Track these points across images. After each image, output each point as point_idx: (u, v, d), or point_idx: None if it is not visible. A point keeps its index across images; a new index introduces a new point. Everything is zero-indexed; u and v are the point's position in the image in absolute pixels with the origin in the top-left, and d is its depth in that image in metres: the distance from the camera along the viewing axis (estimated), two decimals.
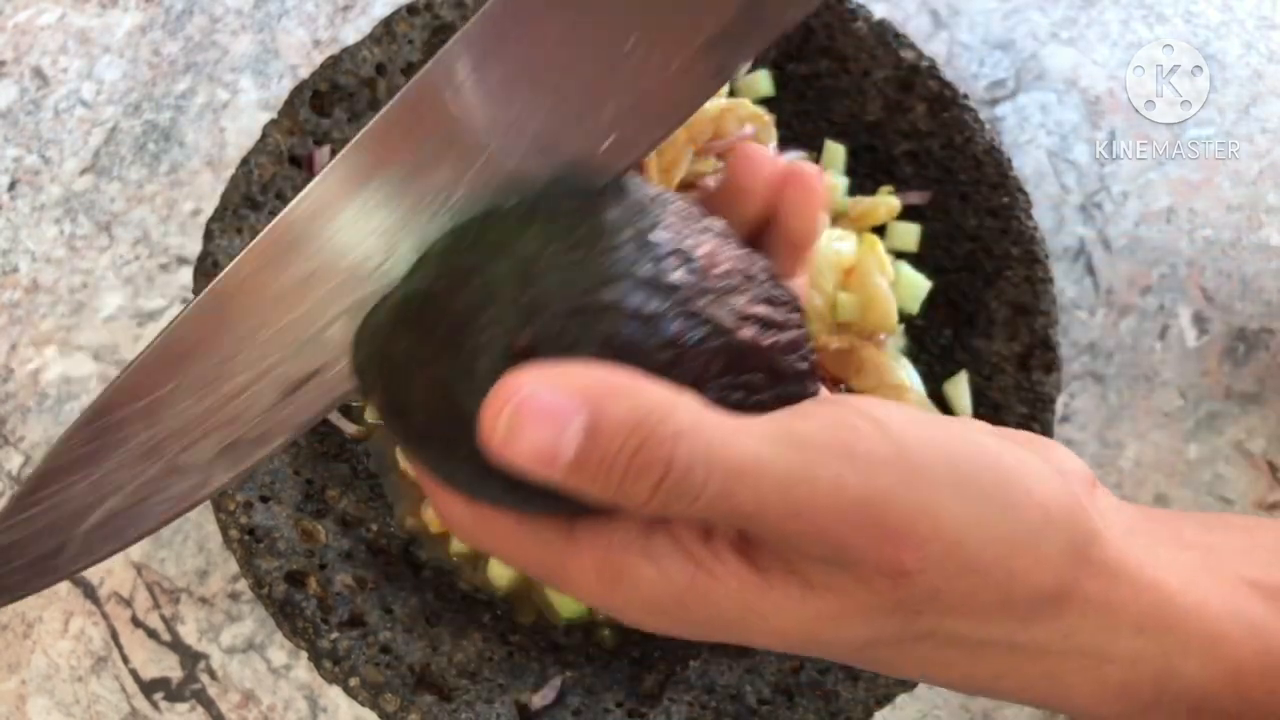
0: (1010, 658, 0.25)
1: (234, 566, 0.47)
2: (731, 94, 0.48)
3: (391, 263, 0.25)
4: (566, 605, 0.43)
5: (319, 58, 0.56)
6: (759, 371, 0.24)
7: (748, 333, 0.23)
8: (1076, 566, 0.24)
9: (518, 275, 0.22)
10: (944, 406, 0.45)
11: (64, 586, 0.47)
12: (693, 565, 0.23)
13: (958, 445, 0.24)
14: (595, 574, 0.24)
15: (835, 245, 0.45)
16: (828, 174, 0.49)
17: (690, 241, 0.24)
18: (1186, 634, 0.25)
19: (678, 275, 0.23)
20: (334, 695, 0.45)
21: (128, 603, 0.47)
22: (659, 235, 0.23)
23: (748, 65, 0.49)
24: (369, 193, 0.25)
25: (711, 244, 0.24)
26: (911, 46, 0.47)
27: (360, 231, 0.25)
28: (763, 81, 0.49)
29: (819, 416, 0.23)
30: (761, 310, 0.24)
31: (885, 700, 0.38)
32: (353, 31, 0.56)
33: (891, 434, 0.23)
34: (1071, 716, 0.27)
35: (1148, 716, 0.26)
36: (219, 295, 0.25)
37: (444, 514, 0.25)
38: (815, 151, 0.49)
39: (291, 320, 0.25)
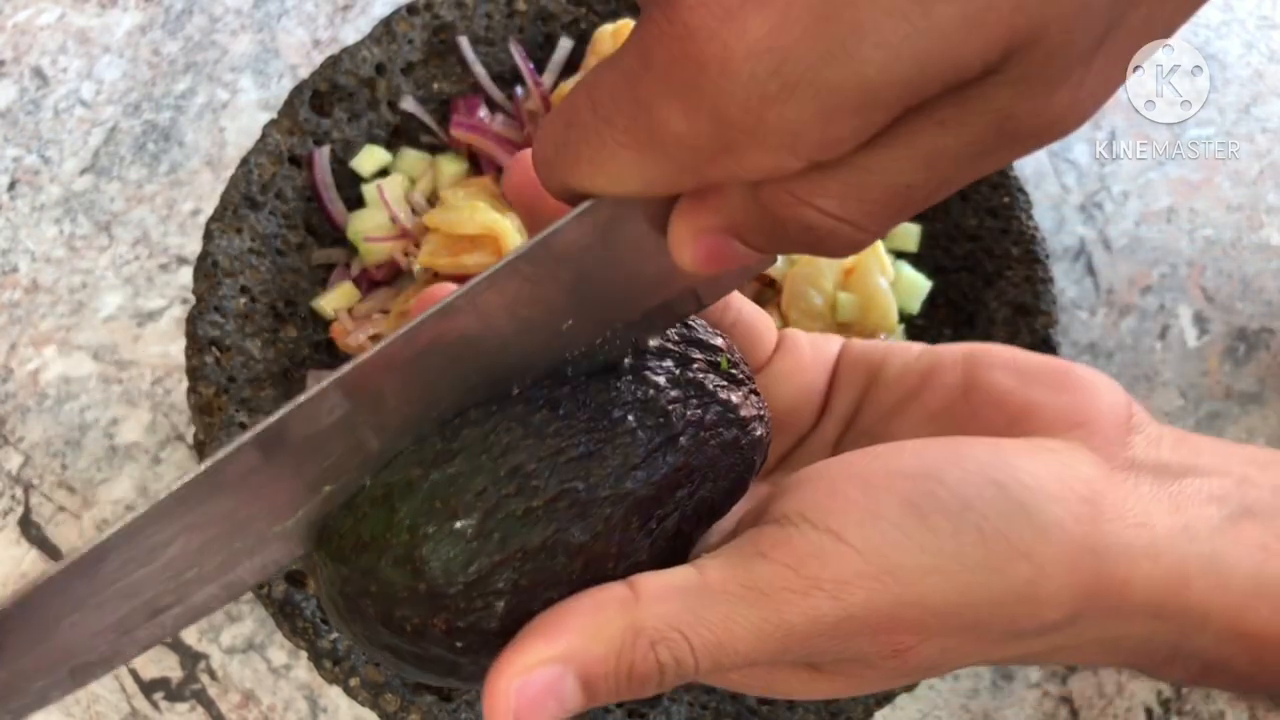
0: (1029, 657, 0.26)
1: None
2: None
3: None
4: None
5: (319, 58, 0.56)
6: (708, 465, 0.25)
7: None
8: (1085, 594, 0.24)
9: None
10: None
11: None
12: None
13: (930, 516, 0.23)
14: (611, 660, 0.25)
15: None
16: None
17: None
18: (1205, 613, 0.25)
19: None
20: (334, 695, 0.45)
21: None
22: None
23: None
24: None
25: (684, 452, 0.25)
26: None
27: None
28: None
29: (777, 550, 0.23)
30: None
31: (885, 700, 0.38)
32: (353, 31, 0.56)
33: (854, 539, 0.23)
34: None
35: (1160, 670, 0.26)
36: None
37: None
38: None
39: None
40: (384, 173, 0.48)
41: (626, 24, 0.48)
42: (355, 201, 0.47)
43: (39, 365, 0.50)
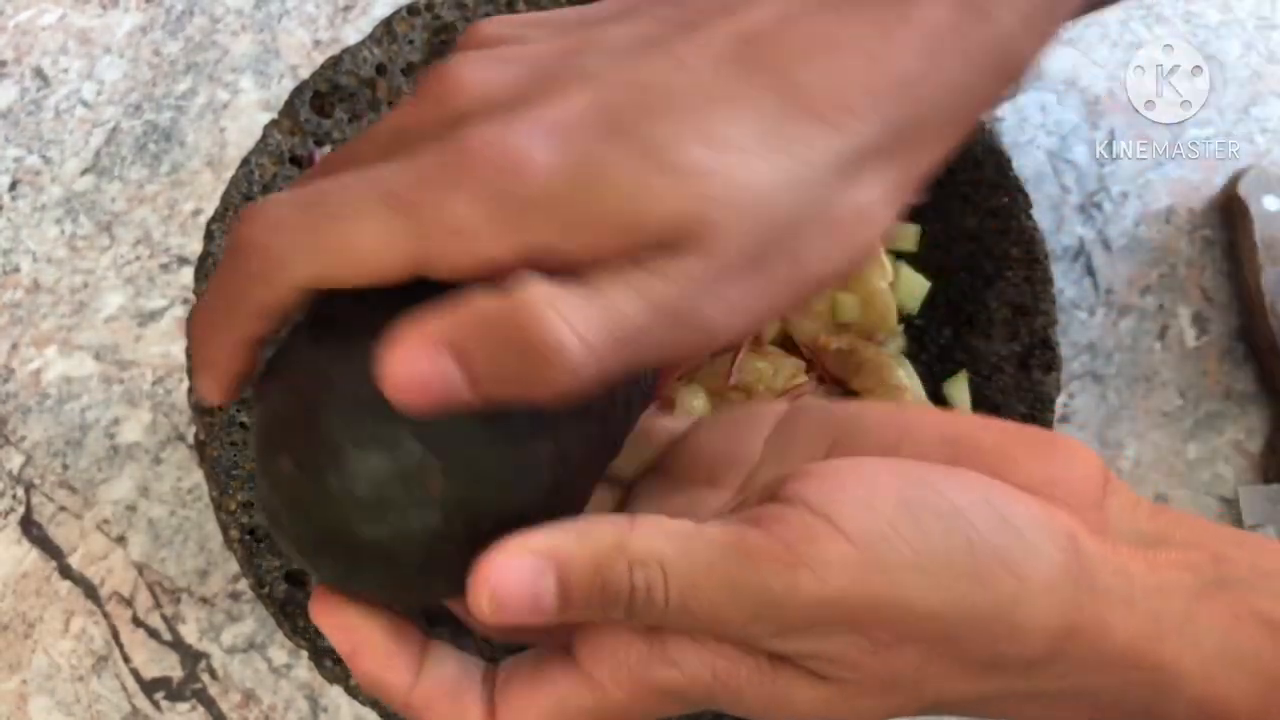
0: (1009, 703, 0.26)
1: (235, 566, 0.47)
2: None
3: None
4: None
5: (319, 58, 0.56)
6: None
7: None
8: (1068, 630, 0.25)
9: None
10: (944, 406, 0.45)
11: (64, 586, 0.47)
12: (710, 656, 0.25)
13: (925, 508, 0.24)
14: (630, 699, 0.25)
15: None
16: None
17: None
18: (1178, 673, 0.25)
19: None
20: (335, 695, 0.45)
21: (129, 602, 0.47)
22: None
23: None
24: None
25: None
26: None
27: None
28: None
29: (773, 524, 0.24)
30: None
31: None
32: (353, 32, 0.57)
33: (849, 528, 0.24)
34: None
35: None
36: None
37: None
38: None
39: None
40: None
41: None
42: None
43: (40, 365, 0.51)
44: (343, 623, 0.26)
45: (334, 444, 0.24)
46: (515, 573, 0.23)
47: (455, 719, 0.26)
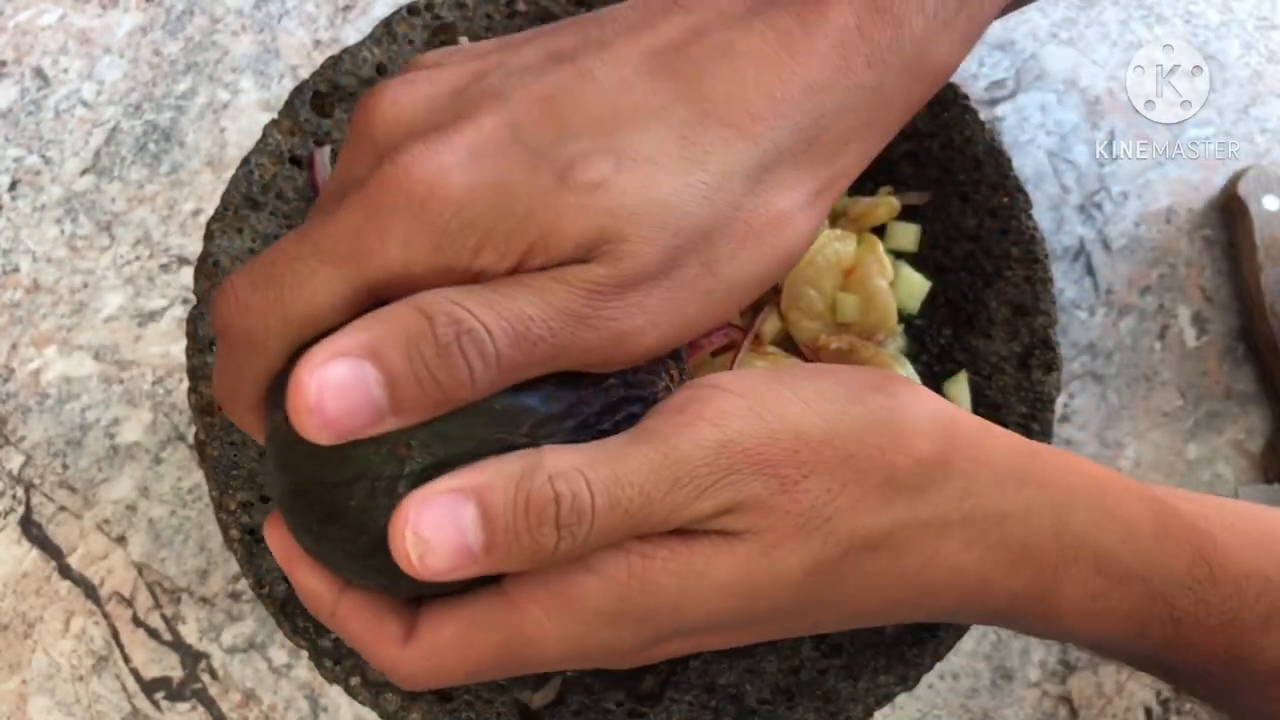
0: (924, 542, 0.27)
1: (235, 566, 0.47)
2: None
3: None
4: None
5: (319, 58, 0.56)
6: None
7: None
8: (946, 435, 0.27)
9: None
10: None
11: (64, 586, 0.47)
12: (625, 554, 0.25)
13: (796, 373, 0.27)
14: (546, 615, 0.25)
15: (835, 245, 0.45)
16: None
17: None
18: (1068, 487, 0.28)
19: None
20: (335, 695, 0.45)
21: (129, 602, 0.47)
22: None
23: None
24: None
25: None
26: None
27: None
28: None
29: (664, 407, 0.26)
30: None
31: (885, 699, 0.39)
32: (353, 32, 0.57)
33: (733, 386, 0.26)
34: (1006, 617, 0.30)
35: (1060, 585, 0.28)
36: None
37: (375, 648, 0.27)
38: None
39: None
40: None
41: None
42: None
43: (40, 365, 0.51)
44: (284, 535, 0.27)
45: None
46: (435, 507, 0.23)
47: (373, 631, 0.26)
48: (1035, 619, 0.29)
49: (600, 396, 0.26)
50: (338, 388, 0.23)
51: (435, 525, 0.23)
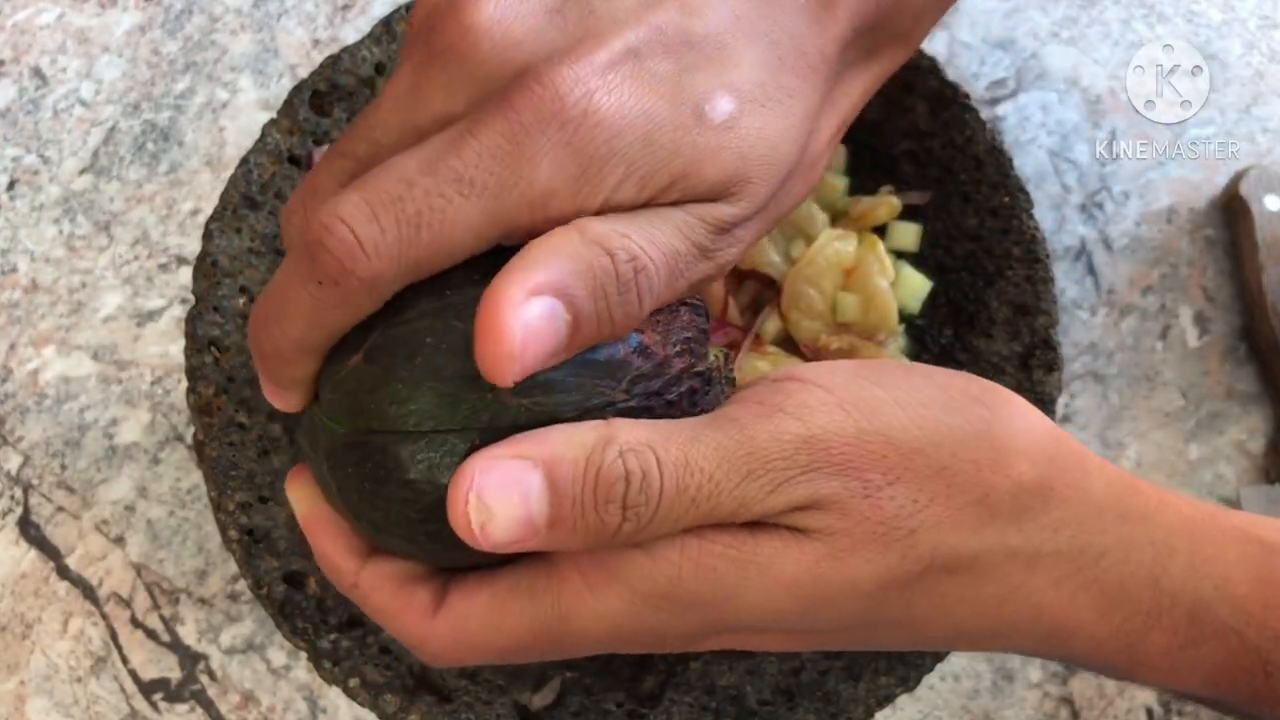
0: (1010, 572, 0.25)
1: (233, 567, 0.47)
2: None
3: None
4: None
5: (318, 57, 0.56)
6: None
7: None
8: (1048, 459, 0.25)
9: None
10: None
11: (63, 587, 0.47)
12: (681, 537, 0.24)
13: (888, 370, 0.26)
14: (588, 587, 0.24)
15: (835, 245, 0.45)
16: (828, 174, 0.49)
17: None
18: (1167, 527, 0.26)
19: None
20: (334, 696, 0.45)
21: (127, 603, 0.46)
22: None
23: None
24: None
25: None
26: None
27: None
28: None
29: (744, 396, 0.25)
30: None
31: (886, 701, 0.38)
32: (352, 31, 0.56)
33: (820, 380, 0.25)
34: (1084, 660, 0.27)
35: (1149, 634, 0.25)
36: None
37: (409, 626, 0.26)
38: None
39: None
40: None
41: None
42: None
43: (38, 365, 0.50)
44: (308, 494, 0.26)
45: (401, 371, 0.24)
46: (501, 472, 0.22)
47: (400, 601, 0.25)
48: (1114, 666, 0.26)
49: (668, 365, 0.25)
50: (534, 330, 0.22)
51: (500, 492, 0.22)
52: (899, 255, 0.47)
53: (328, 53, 0.49)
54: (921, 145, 0.48)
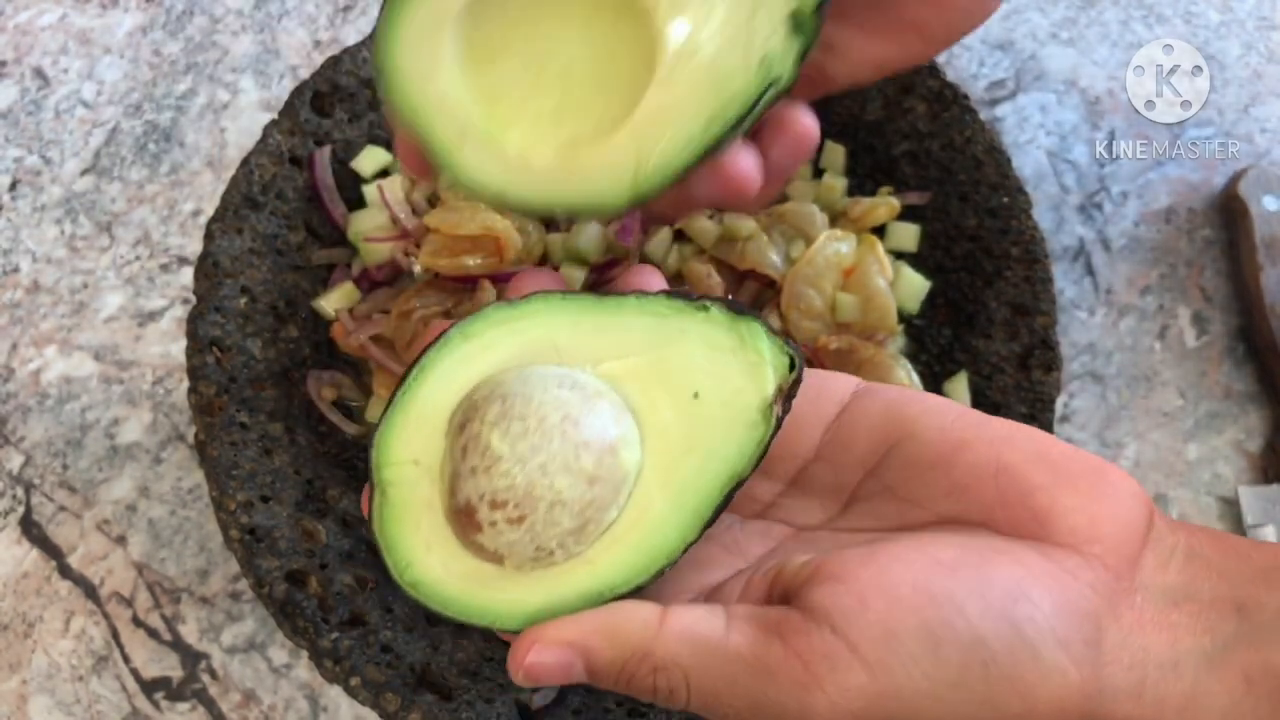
0: None
1: (235, 566, 0.47)
2: None
3: None
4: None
5: (319, 58, 0.56)
6: None
7: None
8: None
9: None
10: None
11: (64, 586, 0.47)
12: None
13: (942, 652, 0.25)
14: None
15: (835, 245, 0.45)
16: (827, 174, 0.49)
17: None
18: None
19: None
20: (335, 695, 0.45)
21: (128, 602, 0.47)
22: None
23: None
24: None
25: None
26: None
27: None
28: None
29: (795, 638, 0.25)
30: None
31: None
32: (353, 32, 0.57)
33: (866, 658, 0.25)
34: None
35: None
36: None
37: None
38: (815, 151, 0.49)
39: None
40: (385, 173, 0.48)
41: None
42: (356, 202, 0.48)
43: (40, 365, 0.51)
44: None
45: None
46: (548, 657, 0.26)
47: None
48: None
49: None
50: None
51: (546, 672, 0.26)
52: (898, 255, 0.47)
53: (329, 54, 0.49)
54: (921, 146, 0.48)
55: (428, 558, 0.28)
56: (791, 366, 0.28)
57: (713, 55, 0.28)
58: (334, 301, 0.46)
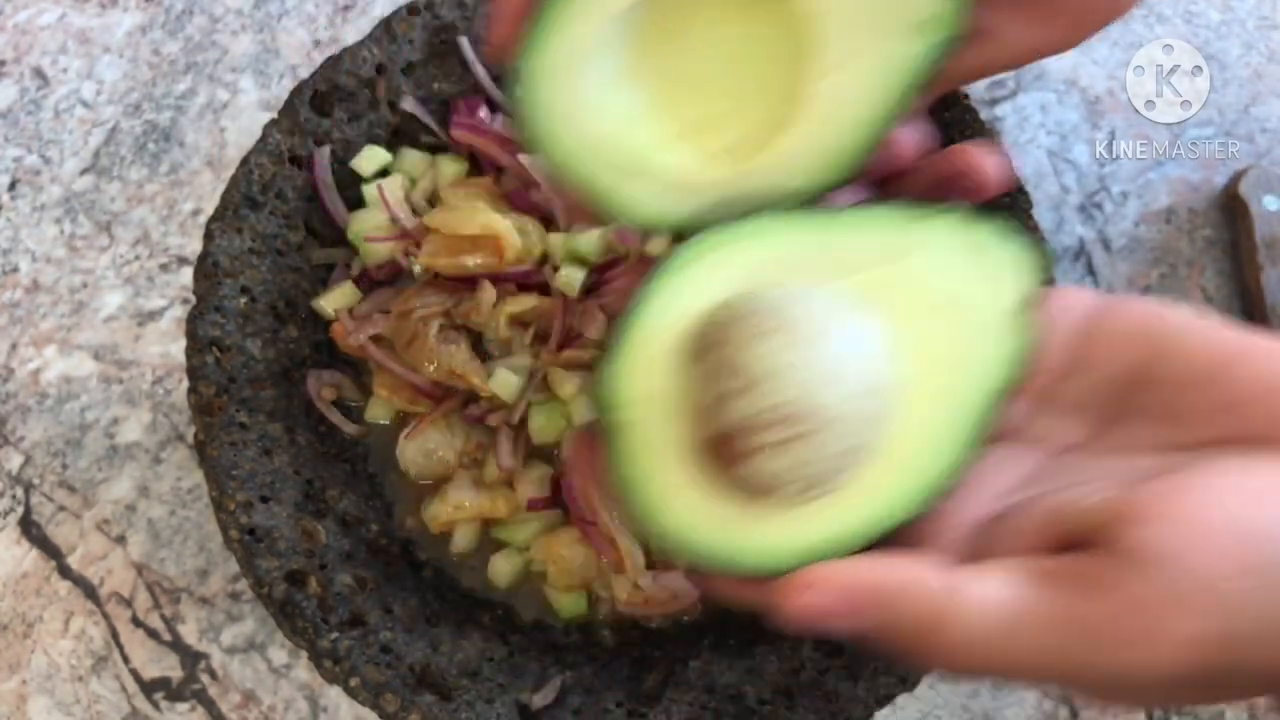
0: None
1: (234, 566, 0.47)
2: None
3: None
4: (566, 605, 0.43)
5: (319, 58, 0.56)
6: None
7: None
8: None
9: None
10: None
11: (64, 586, 0.47)
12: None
13: (1270, 586, 0.22)
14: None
15: None
16: None
17: None
18: None
19: None
20: (334, 695, 0.45)
21: (128, 603, 0.47)
22: None
23: None
24: None
25: None
26: None
27: None
28: None
29: (1112, 590, 0.23)
30: None
31: (885, 700, 0.38)
32: (353, 31, 0.56)
33: (1194, 607, 0.22)
34: None
35: None
36: None
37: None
38: None
39: None
40: (384, 173, 0.48)
41: None
42: (356, 201, 0.47)
43: (39, 365, 0.51)
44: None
45: None
46: (827, 599, 0.24)
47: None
48: None
49: None
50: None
51: (819, 616, 0.24)
52: None
53: (328, 53, 0.49)
54: None
55: (677, 501, 0.26)
56: (1042, 269, 0.26)
57: (869, 29, 0.28)
58: (334, 301, 0.46)
